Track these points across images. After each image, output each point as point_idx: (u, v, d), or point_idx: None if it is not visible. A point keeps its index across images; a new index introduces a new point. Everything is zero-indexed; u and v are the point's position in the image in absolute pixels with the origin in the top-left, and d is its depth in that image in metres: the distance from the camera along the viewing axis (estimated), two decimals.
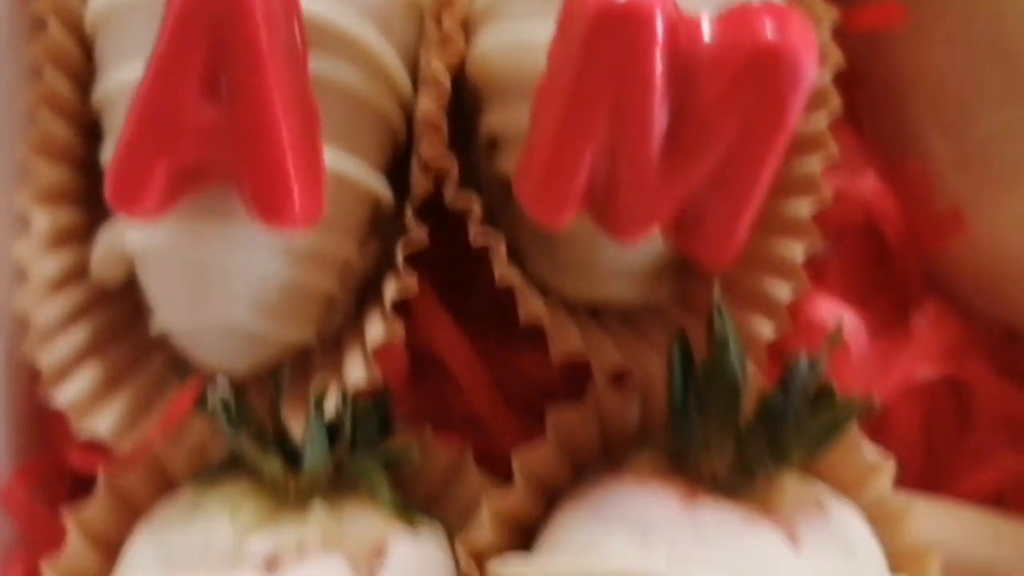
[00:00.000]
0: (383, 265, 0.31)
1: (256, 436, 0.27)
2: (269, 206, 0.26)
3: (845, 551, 0.27)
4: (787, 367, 0.26)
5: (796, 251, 0.30)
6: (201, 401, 0.27)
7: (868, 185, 0.33)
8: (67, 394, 0.29)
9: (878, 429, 0.30)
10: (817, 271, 0.34)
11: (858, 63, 0.33)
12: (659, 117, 0.25)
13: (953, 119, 0.33)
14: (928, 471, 0.34)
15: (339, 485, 0.28)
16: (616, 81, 0.24)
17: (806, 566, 0.26)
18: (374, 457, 0.28)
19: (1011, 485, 0.34)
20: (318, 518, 0.27)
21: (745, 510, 0.26)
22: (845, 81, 0.31)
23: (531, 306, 0.29)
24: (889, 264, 0.34)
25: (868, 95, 0.34)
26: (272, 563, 0.26)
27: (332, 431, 0.28)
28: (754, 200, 0.26)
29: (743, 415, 0.27)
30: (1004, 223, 0.32)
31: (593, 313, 0.32)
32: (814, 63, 0.25)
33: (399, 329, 0.29)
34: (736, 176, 0.26)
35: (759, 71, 0.24)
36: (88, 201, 0.31)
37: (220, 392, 0.26)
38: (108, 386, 0.30)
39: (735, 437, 0.27)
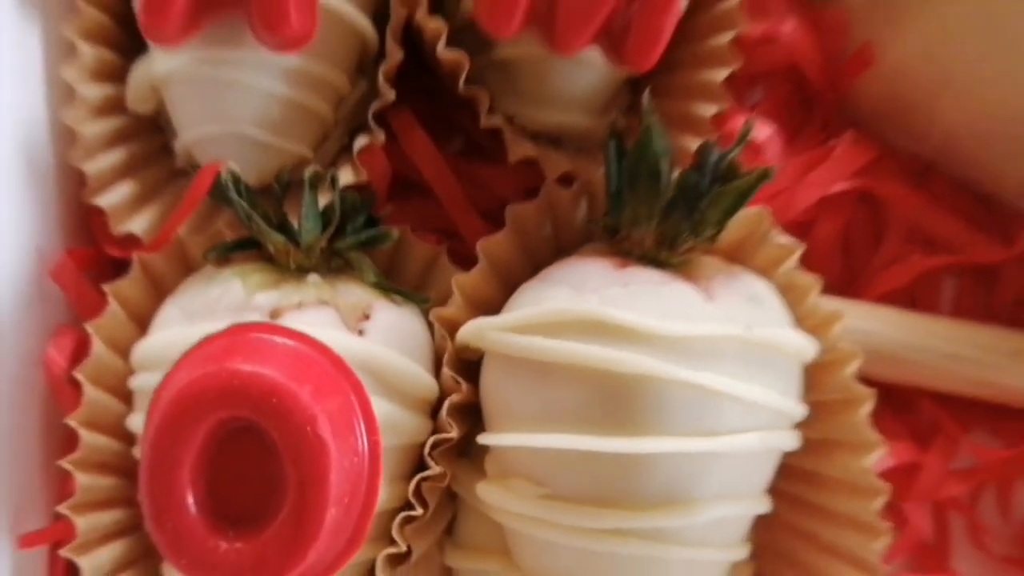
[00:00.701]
0: (369, 103, 0.36)
1: (263, 219, 0.32)
2: (270, 24, 0.32)
3: (752, 302, 0.32)
4: (701, 151, 0.32)
5: (719, 75, 0.35)
6: (218, 189, 0.32)
7: (790, 30, 0.38)
8: (108, 200, 0.35)
9: (801, 242, 0.35)
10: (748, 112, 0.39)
11: None
12: None
13: None
14: (846, 279, 0.38)
15: (333, 269, 0.34)
16: None
17: (717, 310, 0.31)
18: (360, 240, 0.33)
19: (921, 286, 0.39)
20: (315, 286, 0.32)
21: (667, 274, 0.32)
22: None
23: (490, 118, 0.34)
24: (812, 104, 0.39)
25: None
26: (275, 313, 0.31)
27: (326, 220, 0.33)
28: (672, 9, 0.31)
29: (666, 194, 0.32)
30: (909, 54, 0.37)
31: (553, 144, 0.38)
32: None
33: (381, 136, 0.34)
34: None
35: None
36: (125, 47, 0.36)
37: (232, 172, 0.32)
38: (142, 198, 0.36)
39: (659, 212, 0.32)
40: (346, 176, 0.34)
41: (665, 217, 0.32)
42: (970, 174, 0.40)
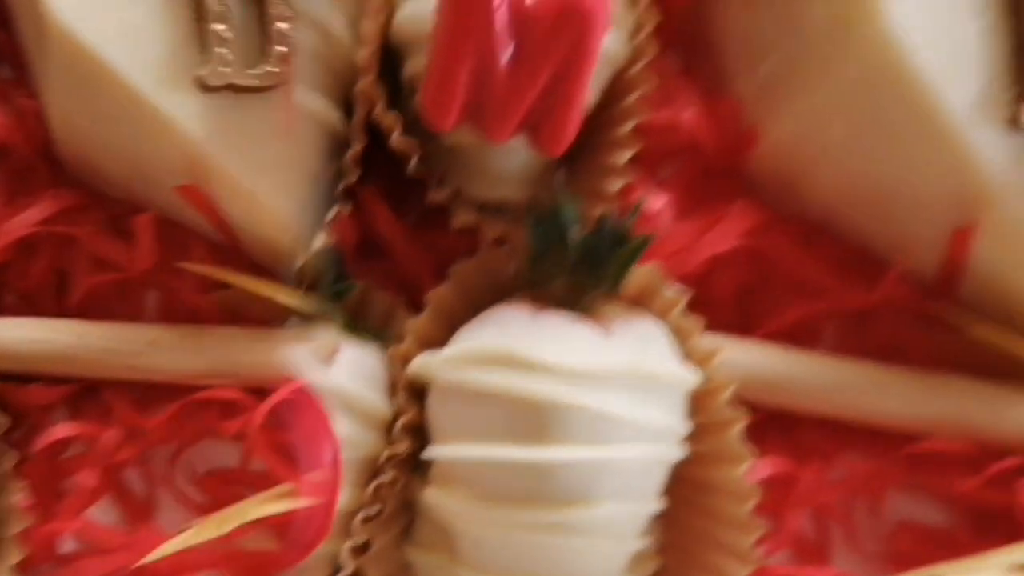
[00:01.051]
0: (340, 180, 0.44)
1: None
2: None
3: (643, 339, 0.39)
4: (600, 220, 0.39)
5: (623, 157, 0.43)
6: None
7: (691, 116, 0.46)
8: None
9: (698, 294, 0.42)
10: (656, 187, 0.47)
11: (686, 29, 0.47)
12: (503, 52, 0.38)
13: (750, 61, 0.45)
14: (737, 324, 0.46)
15: (308, 316, 0.41)
16: (472, 31, 0.37)
17: (613, 346, 0.38)
18: (331, 292, 0.41)
19: (801, 331, 0.46)
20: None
21: (575, 317, 0.39)
22: (679, 43, 0.45)
23: (438, 193, 0.43)
24: (712, 177, 0.47)
25: (692, 53, 0.48)
26: None
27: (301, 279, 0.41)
28: (576, 107, 0.39)
29: (573, 254, 0.39)
30: (788, 135, 0.44)
31: (495, 212, 0.45)
32: (606, 15, 0.38)
33: (348, 208, 0.42)
34: (562, 91, 0.38)
35: (567, 21, 0.38)
36: None
37: None
38: None
39: (568, 269, 0.39)
40: (319, 241, 0.42)
41: (573, 273, 0.39)
42: (848, 233, 0.47)
